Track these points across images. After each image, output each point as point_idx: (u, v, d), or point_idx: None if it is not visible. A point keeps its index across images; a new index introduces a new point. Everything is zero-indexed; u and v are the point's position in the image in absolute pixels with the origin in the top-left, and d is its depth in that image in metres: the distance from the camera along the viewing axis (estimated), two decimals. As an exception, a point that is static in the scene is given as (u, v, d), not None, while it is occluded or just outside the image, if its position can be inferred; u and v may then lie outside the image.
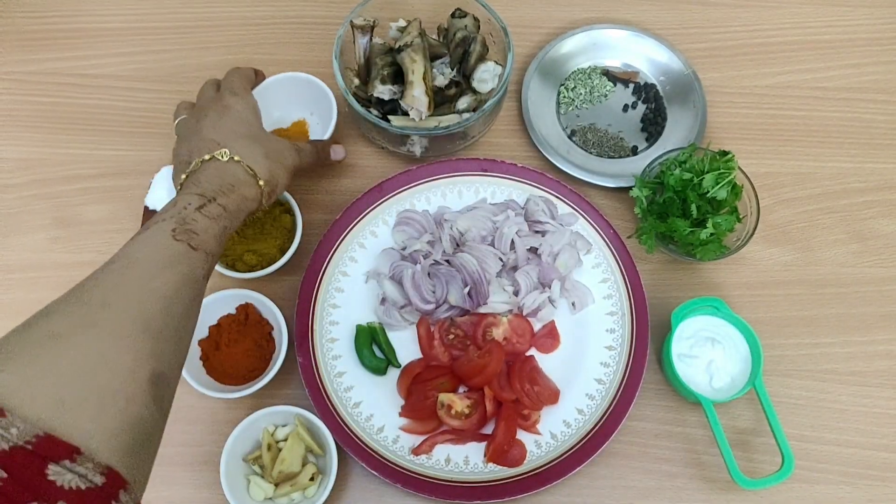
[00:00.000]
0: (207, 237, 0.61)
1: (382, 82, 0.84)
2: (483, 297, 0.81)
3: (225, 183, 0.66)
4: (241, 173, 0.68)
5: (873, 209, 0.91)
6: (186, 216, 0.61)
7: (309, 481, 0.74)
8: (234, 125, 0.72)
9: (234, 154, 0.68)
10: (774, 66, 0.99)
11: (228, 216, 0.65)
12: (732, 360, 0.78)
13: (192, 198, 0.63)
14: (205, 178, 0.66)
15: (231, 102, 0.74)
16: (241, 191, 0.67)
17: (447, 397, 0.77)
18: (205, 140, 0.70)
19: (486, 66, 0.86)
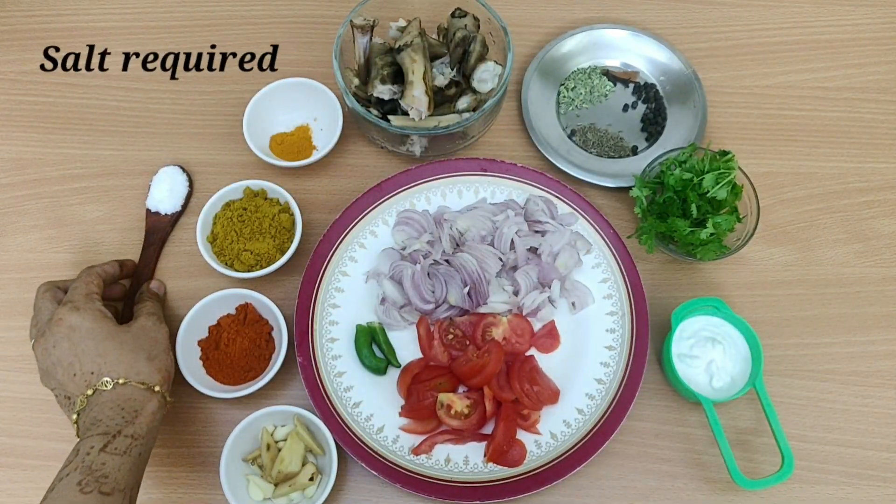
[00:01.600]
0: (120, 475, 0.60)
1: (382, 82, 0.84)
2: (483, 296, 0.81)
3: (126, 410, 0.64)
4: (136, 393, 0.66)
5: (874, 209, 0.90)
6: (92, 462, 0.59)
7: (308, 481, 0.74)
8: (95, 344, 0.67)
9: (118, 377, 0.66)
10: (775, 65, 0.99)
11: (141, 442, 0.63)
12: (732, 360, 0.78)
13: (94, 440, 0.61)
14: (101, 413, 0.64)
15: (74, 322, 0.68)
16: (146, 410, 0.65)
17: (447, 397, 0.77)
18: (75, 373, 0.67)
19: (486, 66, 0.86)
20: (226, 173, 0.91)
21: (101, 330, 0.68)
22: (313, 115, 0.92)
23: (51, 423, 0.80)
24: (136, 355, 0.68)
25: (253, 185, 0.86)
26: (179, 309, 0.84)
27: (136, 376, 0.67)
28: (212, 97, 0.96)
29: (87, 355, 0.67)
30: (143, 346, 0.69)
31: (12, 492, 0.77)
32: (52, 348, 0.68)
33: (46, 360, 0.68)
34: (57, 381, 0.68)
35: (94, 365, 0.66)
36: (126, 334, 0.70)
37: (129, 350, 0.68)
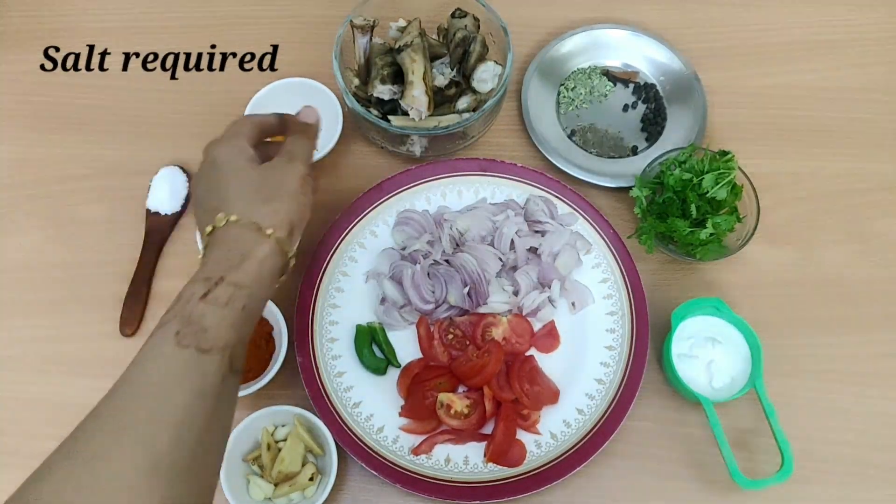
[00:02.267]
0: (220, 330, 0.53)
1: (382, 82, 0.84)
2: (482, 296, 0.81)
3: (232, 254, 0.57)
4: (245, 234, 0.58)
5: (875, 209, 0.90)
6: (191, 312, 0.53)
7: (308, 481, 0.74)
8: (222, 178, 0.61)
9: (231, 214, 0.59)
10: (775, 65, 0.99)
11: (244, 294, 0.55)
12: (732, 360, 0.78)
13: (196, 286, 0.55)
14: (210, 256, 0.58)
15: (215, 154, 0.63)
16: (254, 255, 0.57)
17: (447, 397, 0.77)
18: (204, 209, 0.62)
19: (486, 67, 0.86)
20: (226, 173, 0.91)
21: (231, 164, 0.62)
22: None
23: (51, 423, 0.79)
24: (254, 194, 0.60)
25: (253, 185, 0.86)
26: (179, 309, 0.84)
27: (249, 215, 0.59)
28: (212, 97, 0.96)
29: (214, 189, 0.61)
30: (265, 185, 0.61)
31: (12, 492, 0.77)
32: (195, 183, 0.67)
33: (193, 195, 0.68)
34: (197, 218, 0.64)
35: (217, 199, 0.60)
36: (253, 171, 0.62)
37: (250, 188, 0.61)
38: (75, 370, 0.82)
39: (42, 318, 0.84)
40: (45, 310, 0.85)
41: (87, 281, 0.86)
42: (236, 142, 0.64)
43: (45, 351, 0.83)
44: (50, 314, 0.85)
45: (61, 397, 0.81)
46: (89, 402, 0.79)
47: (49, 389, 0.81)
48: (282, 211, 0.60)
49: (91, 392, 0.79)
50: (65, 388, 0.81)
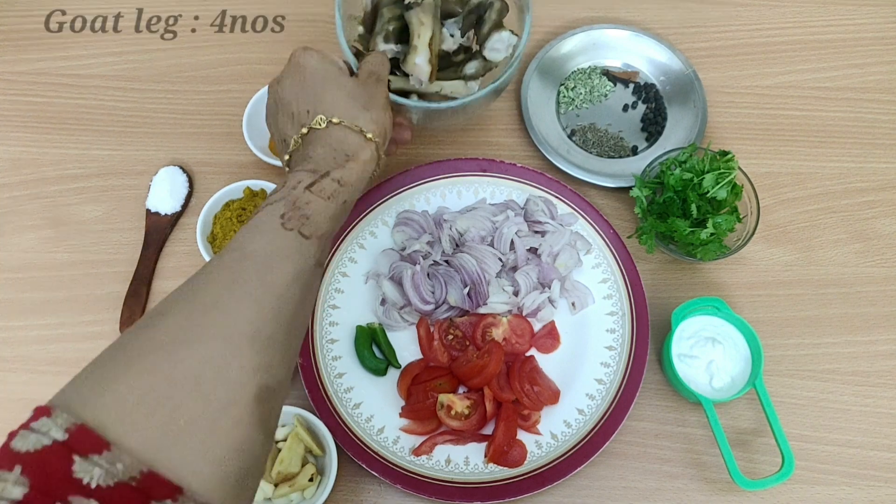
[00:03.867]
0: (321, 220, 0.56)
1: (386, 39, 0.76)
2: (482, 297, 0.81)
3: (337, 153, 0.60)
4: (350, 135, 0.61)
5: (875, 209, 0.90)
6: (297, 198, 0.56)
7: (308, 482, 0.74)
8: (316, 84, 0.64)
9: (332, 116, 0.62)
10: (775, 65, 0.99)
11: (346, 191, 0.59)
12: (733, 360, 0.78)
13: (302, 175, 0.58)
14: (313, 151, 0.60)
15: (304, 60, 0.65)
16: (358, 157, 0.61)
17: (447, 398, 0.77)
18: (293, 112, 0.63)
19: (501, 36, 0.78)
20: (225, 173, 0.91)
21: (325, 71, 0.64)
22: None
23: (50, 423, 0.80)
24: (353, 102, 0.63)
25: (253, 185, 0.86)
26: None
27: (352, 120, 0.62)
28: (211, 97, 0.96)
29: (306, 94, 0.63)
30: (361, 95, 0.64)
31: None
32: (277, 84, 0.65)
33: (272, 97, 0.66)
34: (276, 122, 0.65)
35: (311, 104, 0.62)
36: (347, 80, 0.65)
37: (347, 95, 0.63)
38: (75, 370, 0.81)
39: (42, 318, 0.84)
40: (45, 310, 0.85)
41: (86, 281, 0.86)
42: (326, 54, 0.66)
43: (45, 351, 0.83)
44: (50, 314, 0.84)
45: (60, 398, 0.81)
46: (89, 402, 0.80)
47: (49, 390, 0.79)
48: (379, 120, 0.63)
49: (91, 392, 0.81)
50: (64, 389, 0.81)
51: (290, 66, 0.65)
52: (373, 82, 0.66)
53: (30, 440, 0.39)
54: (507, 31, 0.78)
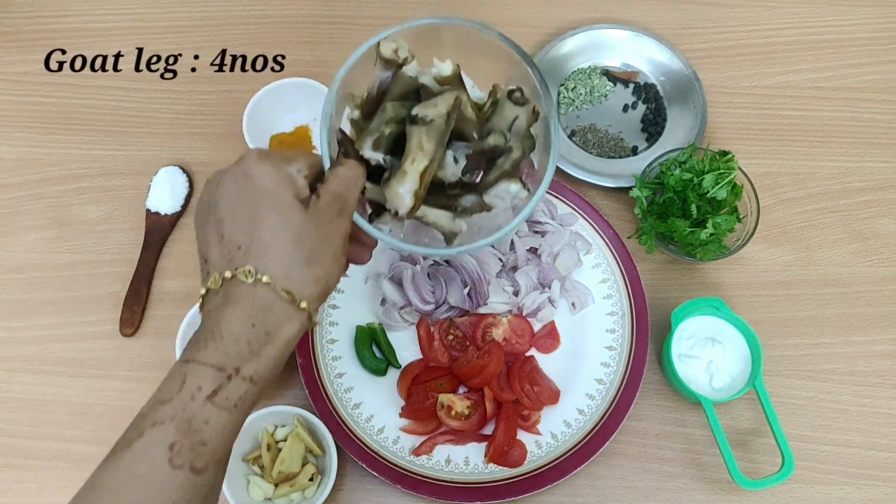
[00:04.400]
0: (220, 441, 0.45)
1: (376, 146, 0.58)
2: (483, 297, 0.81)
3: (257, 329, 0.46)
4: (277, 304, 0.47)
5: (873, 209, 0.91)
6: (194, 416, 0.44)
7: (308, 481, 0.74)
8: (259, 211, 0.48)
9: (263, 273, 0.47)
10: (774, 65, 0.99)
11: (257, 389, 0.47)
12: (732, 360, 0.78)
13: (204, 374, 0.45)
14: (228, 322, 0.46)
15: (255, 171, 0.49)
16: (281, 335, 0.47)
17: (447, 398, 0.77)
18: (223, 234, 0.49)
19: (508, 188, 0.60)
20: (226, 174, 0.91)
21: (275, 195, 0.49)
22: (313, 115, 0.92)
23: (52, 423, 0.80)
24: (295, 252, 0.48)
25: (253, 185, 0.86)
26: (179, 309, 0.84)
27: (285, 280, 0.47)
28: (212, 97, 0.96)
29: (244, 219, 0.49)
30: (308, 238, 0.49)
31: (15, 492, 0.77)
32: (217, 186, 0.51)
33: (206, 197, 0.51)
34: (202, 231, 0.51)
35: (246, 237, 0.48)
36: (298, 216, 0.49)
37: (291, 240, 0.48)
38: (75, 370, 0.82)
39: (42, 318, 0.84)
40: (45, 310, 0.85)
41: (87, 281, 0.86)
42: (287, 167, 0.51)
43: (46, 351, 0.83)
44: (50, 314, 0.85)
45: (61, 397, 0.81)
46: (89, 401, 0.80)
47: (49, 389, 0.81)
48: (322, 278, 0.49)
49: (91, 392, 0.81)
50: (65, 389, 0.81)
51: (237, 171, 0.50)
52: (332, 215, 0.50)
53: None
54: (518, 183, 0.61)
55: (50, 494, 0.77)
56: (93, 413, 0.80)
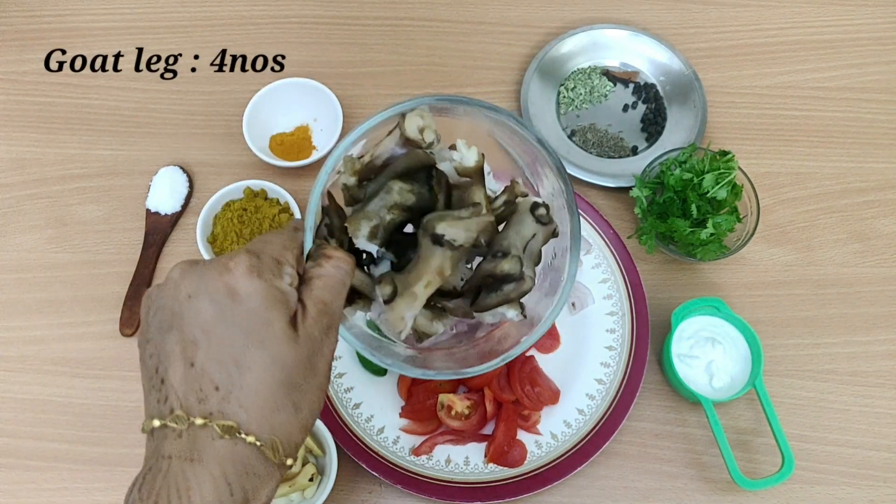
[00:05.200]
0: None
1: (372, 235, 0.49)
2: (483, 297, 0.81)
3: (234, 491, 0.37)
4: (258, 464, 0.38)
5: (874, 209, 0.91)
6: None
7: (308, 482, 0.74)
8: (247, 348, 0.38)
9: (248, 432, 0.38)
10: (775, 65, 0.99)
11: None
12: (733, 360, 0.78)
13: None
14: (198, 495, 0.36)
15: (245, 292, 0.39)
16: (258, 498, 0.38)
17: (447, 398, 0.77)
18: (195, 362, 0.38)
19: (506, 314, 0.54)
20: (226, 173, 0.91)
21: (265, 325, 0.39)
22: (313, 115, 0.92)
23: (52, 423, 0.80)
24: (284, 398, 0.39)
25: (253, 185, 0.86)
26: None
27: (270, 434, 0.38)
28: (212, 97, 0.96)
29: (224, 351, 0.38)
30: (298, 377, 0.40)
31: (13, 492, 0.77)
32: (186, 298, 0.39)
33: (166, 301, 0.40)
34: (160, 347, 0.39)
35: (226, 378, 0.38)
36: (289, 350, 0.39)
37: (281, 384, 0.39)
38: (75, 370, 0.82)
39: (42, 318, 0.84)
40: (45, 310, 0.85)
41: (87, 281, 0.86)
42: (280, 283, 0.40)
43: (46, 351, 0.83)
44: (50, 314, 0.85)
45: (61, 397, 0.81)
46: (89, 402, 0.80)
47: (49, 389, 0.81)
48: (308, 423, 0.41)
49: (91, 392, 0.81)
50: (65, 388, 0.81)
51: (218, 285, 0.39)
52: (320, 335, 0.41)
53: None
54: (517, 309, 0.54)
55: (49, 495, 0.77)
56: (92, 413, 0.80)
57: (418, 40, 1.00)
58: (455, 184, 0.51)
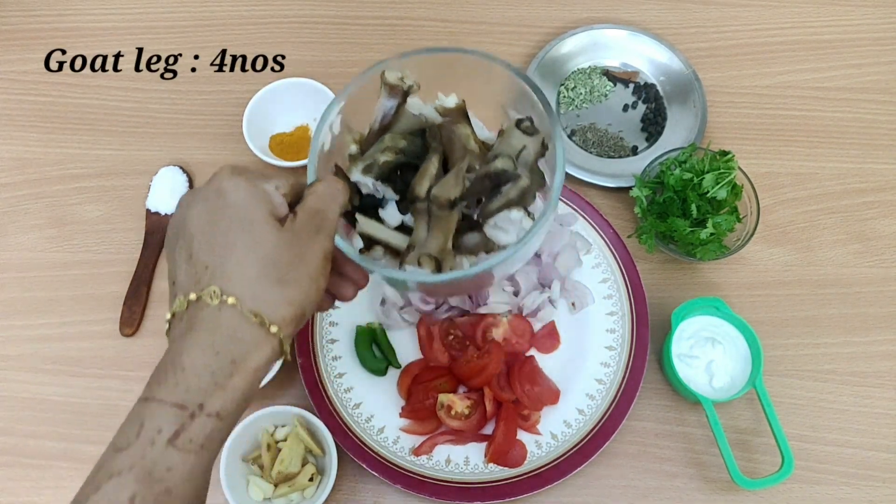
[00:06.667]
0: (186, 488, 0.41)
1: (366, 171, 0.56)
2: (483, 297, 0.81)
3: (222, 357, 0.43)
4: (245, 327, 0.43)
5: (874, 209, 0.91)
6: (155, 463, 0.40)
7: (308, 482, 0.74)
8: (229, 229, 0.45)
9: (229, 294, 0.43)
10: (775, 65, 0.99)
11: (225, 425, 0.43)
12: (732, 360, 0.78)
13: (164, 415, 0.41)
14: (188, 358, 0.42)
15: (227, 187, 0.46)
16: (248, 363, 0.43)
17: (447, 398, 0.77)
18: (192, 254, 0.45)
19: (512, 215, 0.57)
20: (226, 173, 0.91)
21: (247, 213, 0.45)
22: (313, 115, 0.93)
23: (51, 422, 0.80)
24: (266, 271, 0.44)
25: (253, 185, 0.86)
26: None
27: (252, 301, 0.44)
28: (212, 97, 0.96)
29: (214, 238, 0.45)
30: (282, 257, 0.45)
31: (12, 491, 0.77)
32: (188, 207, 0.47)
33: (178, 217, 0.48)
34: (171, 253, 0.48)
35: (213, 257, 0.45)
36: (272, 234, 0.45)
37: (261, 259, 0.44)
38: (75, 369, 0.82)
39: (42, 318, 0.84)
40: (45, 310, 0.85)
41: (87, 281, 0.86)
42: (264, 184, 0.47)
43: (45, 351, 0.83)
44: (50, 314, 0.85)
45: (61, 397, 0.81)
46: (88, 401, 0.80)
47: (49, 389, 0.81)
48: (296, 300, 0.45)
49: (90, 391, 0.81)
50: (65, 388, 0.81)
51: (209, 188, 0.47)
52: (309, 233, 0.47)
53: None
54: (521, 210, 0.57)
55: (48, 494, 0.77)
56: (92, 413, 0.80)
57: (418, 40, 1.00)
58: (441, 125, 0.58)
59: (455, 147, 0.57)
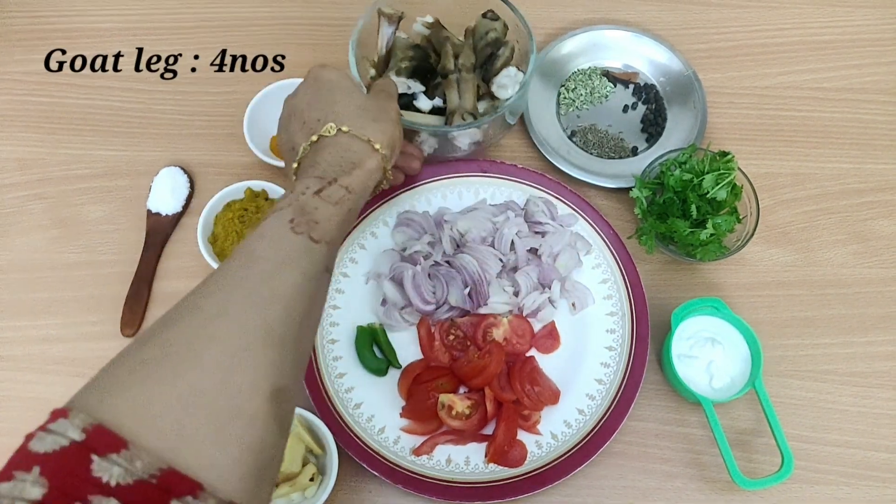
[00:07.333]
0: (329, 226, 0.56)
1: (398, 74, 0.83)
2: (483, 297, 0.81)
3: (344, 161, 0.62)
4: (357, 144, 0.63)
5: (873, 210, 0.91)
6: (305, 203, 0.56)
7: (308, 481, 0.74)
8: (329, 95, 0.66)
9: (342, 125, 0.63)
10: (775, 66, 0.99)
11: (352, 198, 0.60)
12: (732, 360, 0.78)
13: (309, 181, 0.59)
14: (320, 158, 0.62)
15: (320, 74, 0.69)
16: (364, 165, 0.62)
17: (448, 398, 0.77)
18: (305, 120, 0.65)
19: (508, 72, 0.84)
20: (227, 174, 0.91)
21: (339, 83, 0.68)
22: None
23: (52, 423, 0.80)
24: (363, 113, 0.66)
25: (254, 185, 0.86)
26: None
27: (360, 129, 0.64)
28: (213, 98, 0.96)
29: (319, 103, 0.66)
30: (371, 107, 0.67)
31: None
32: (293, 97, 0.69)
33: (287, 109, 0.69)
34: (287, 130, 0.67)
35: (322, 113, 0.65)
36: (360, 94, 0.68)
37: (358, 107, 0.66)
38: (75, 370, 0.82)
39: (42, 318, 0.85)
40: (45, 310, 0.85)
41: (87, 281, 0.86)
42: (342, 70, 0.70)
43: (46, 351, 0.83)
44: (50, 314, 0.85)
45: (62, 397, 0.79)
46: (91, 402, 0.80)
47: (49, 389, 0.81)
48: (387, 131, 0.65)
49: (92, 392, 0.81)
50: (65, 388, 0.79)
51: (307, 79, 0.69)
52: (384, 97, 0.70)
53: (47, 441, 0.39)
54: (514, 66, 0.84)
55: (51, 494, 0.77)
56: (94, 413, 0.80)
57: (419, 41, 1.00)
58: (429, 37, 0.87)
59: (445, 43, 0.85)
